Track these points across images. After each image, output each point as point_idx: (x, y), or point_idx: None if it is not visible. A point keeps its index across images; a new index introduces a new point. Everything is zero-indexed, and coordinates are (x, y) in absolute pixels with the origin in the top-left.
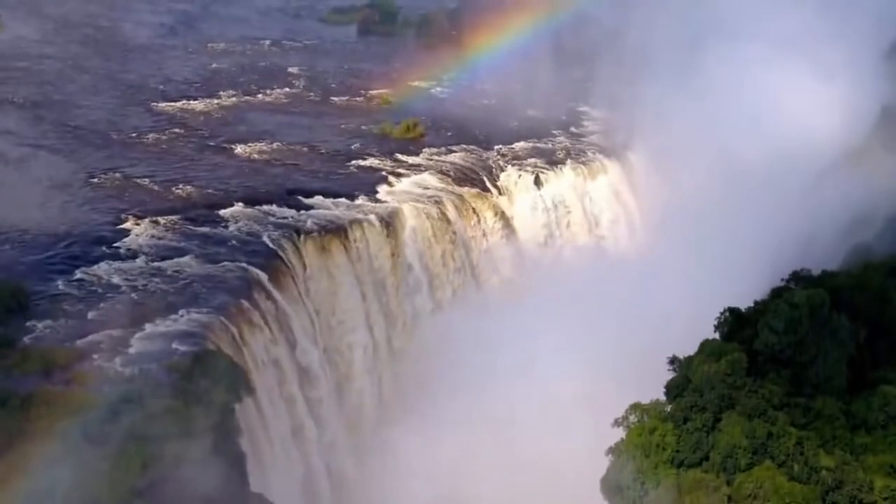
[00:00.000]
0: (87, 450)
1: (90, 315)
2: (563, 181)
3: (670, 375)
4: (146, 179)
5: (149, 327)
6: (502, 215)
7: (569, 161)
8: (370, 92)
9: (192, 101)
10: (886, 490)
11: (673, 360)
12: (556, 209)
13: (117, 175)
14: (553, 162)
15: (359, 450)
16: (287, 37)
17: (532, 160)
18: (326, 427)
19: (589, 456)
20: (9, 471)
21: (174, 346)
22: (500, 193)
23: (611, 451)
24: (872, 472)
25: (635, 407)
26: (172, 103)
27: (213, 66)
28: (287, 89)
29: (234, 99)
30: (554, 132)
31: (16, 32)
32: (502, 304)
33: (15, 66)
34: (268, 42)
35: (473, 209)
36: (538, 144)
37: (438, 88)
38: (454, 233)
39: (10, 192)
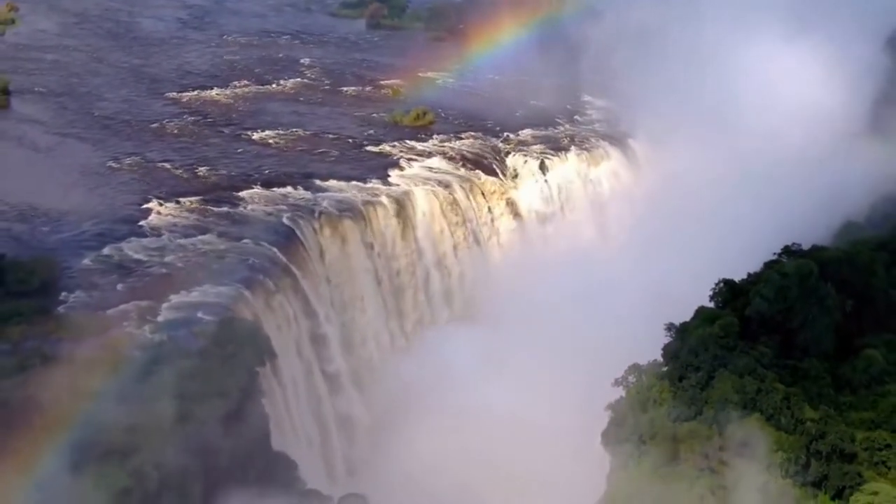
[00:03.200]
0: (124, 405)
1: (119, 287)
2: (567, 166)
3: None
4: (168, 164)
5: (175, 298)
6: (509, 198)
7: (573, 148)
8: (380, 82)
9: (209, 91)
10: (866, 441)
11: (670, 327)
12: (560, 193)
13: (140, 160)
14: (558, 148)
15: (370, 408)
16: (298, 30)
17: (537, 147)
18: (341, 389)
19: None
20: (54, 423)
21: (200, 315)
22: (506, 178)
23: (611, 407)
24: (855, 426)
25: (634, 368)
26: (191, 93)
27: (229, 58)
28: (300, 80)
29: (249, 89)
30: (558, 121)
31: (36, 26)
32: (506, 279)
33: (37, 58)
34: (280, 35)
35: (481, 192)
36: (543, 132)
37: (447, 79)
38: (462, 214)
39: (41, 176)
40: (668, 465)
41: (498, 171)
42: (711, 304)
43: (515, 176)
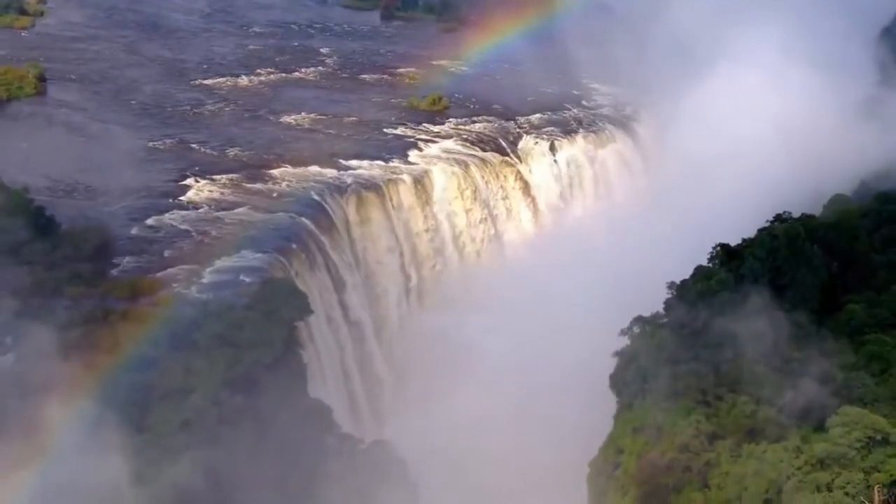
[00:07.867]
0: (181, 352)
1: (165, 253)
2: (575, 148)
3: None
4: (201, 145)
5: (217, 263)
6: (520, 177)
7: (581, 130)
8: (396, 71)
9: (235, 78)
10: (846, 380)
11: (671, 284)
12: (569, 172)
13: (176, 142)
14: (567, 131)
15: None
16: (316, 21)
17: (547, 129)
18: (364, 345)
19: None
20: (118, 365)
21: (242, 277)
22: (518, 158)
23: (617, 354)
24: (837, 369)
25: (638, 319)
26: (218, 79)
27: (251, 47)
28: (320, 68)
29: (274, 76)
30: (567, 105)
31: (65, 18)
32: (519, 253)
33: (69, 47)
34: (300, 27)
35: (495, 171)
36: (553, 116)
37: (459, 68)
38: (477, 190)
39: (86, 156)
40: (668, 401)
41: (510, 151)
42: (709, 266)
43: (527, 156)
